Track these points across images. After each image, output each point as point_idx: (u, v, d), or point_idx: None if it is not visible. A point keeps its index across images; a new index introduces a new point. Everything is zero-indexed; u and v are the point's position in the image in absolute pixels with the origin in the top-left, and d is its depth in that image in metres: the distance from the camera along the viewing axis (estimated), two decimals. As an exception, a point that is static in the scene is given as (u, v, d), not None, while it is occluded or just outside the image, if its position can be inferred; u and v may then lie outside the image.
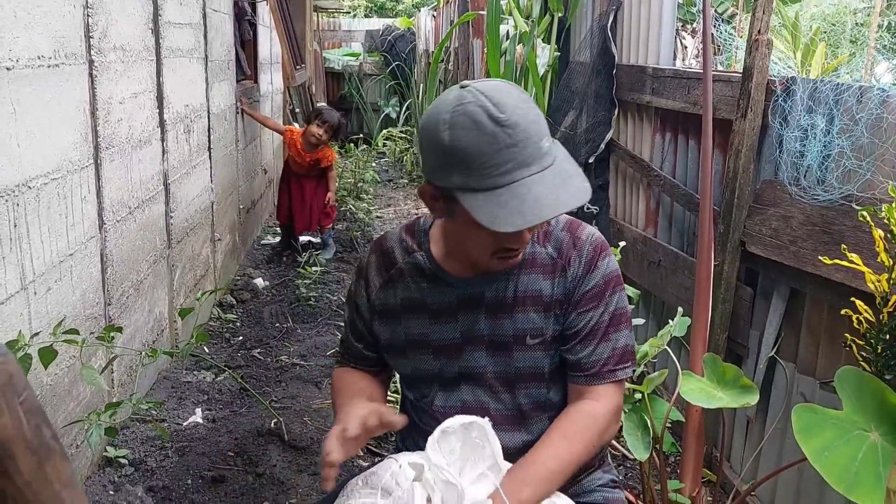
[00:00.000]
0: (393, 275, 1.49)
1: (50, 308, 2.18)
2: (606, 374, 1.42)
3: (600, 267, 1.41)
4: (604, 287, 1.41)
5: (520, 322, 1.41)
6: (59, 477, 0.64)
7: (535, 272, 1.42)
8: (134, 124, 2.88)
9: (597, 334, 1.41)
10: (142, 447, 2.67)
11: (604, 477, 1.53)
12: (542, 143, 1.22)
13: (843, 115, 2.12)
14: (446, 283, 1.44)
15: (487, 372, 1.44)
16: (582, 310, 1.41)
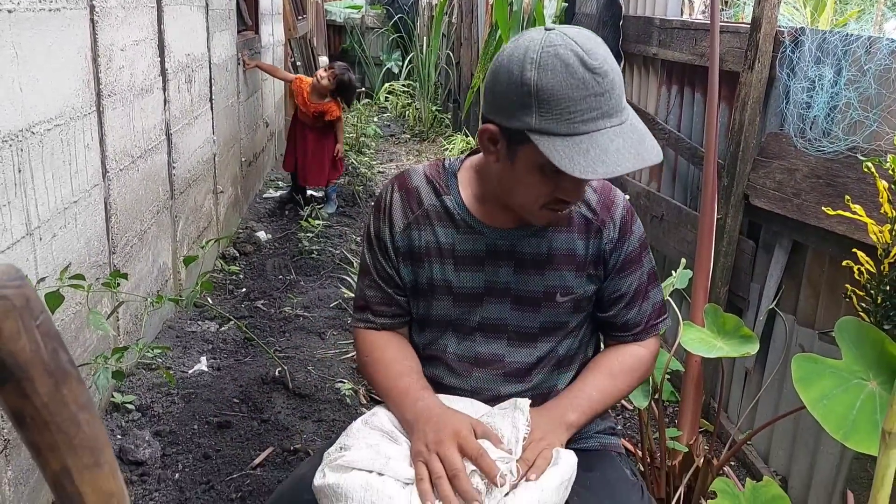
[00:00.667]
0: (419, 216, 1.43)
1: (55, 255, 2.19)
2: (651, 329, 1.50)
3: (635, 231, 1.45)
4: (639, 250, 1.46)
5: (551, 279, 1.41)
6: (76, 400, 0.66)
7: (570, 231, 1.41)
8: (135, 72, 2.86)
9: (639, 296, 1.47)
10: (148, 393, 2.71)
11: (602, 424, 1.55)
12: (622, 97, 1.22)
13: (851, 66, 2.10)
14: (476, 231, 1.41)
15: (508, 325, 1.43)
16: (624, 274, 1.44)
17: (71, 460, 0.66)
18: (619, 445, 1.56)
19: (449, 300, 1.44)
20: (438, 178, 1.46)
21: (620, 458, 1.52)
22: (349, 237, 4.82)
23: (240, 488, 2.24)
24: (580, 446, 1.48)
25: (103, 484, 0.69)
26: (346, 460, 1.25)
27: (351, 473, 1.23)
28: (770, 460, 2.46)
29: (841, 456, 2.11)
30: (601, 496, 1.37)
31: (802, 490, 2.28)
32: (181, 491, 2.23)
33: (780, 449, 2.42)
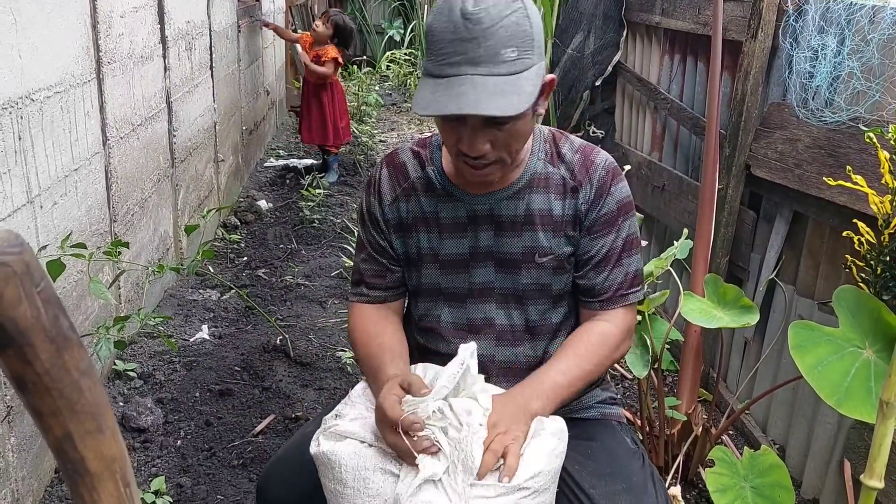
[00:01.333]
0: (406, 188, 1.48)
1: (56, 223, 2.19)
2: (619, 299, 1.45)
3: (613, 192, 1.42)
4: (616, 213, 1.42)
5: (528, 240, 1.42)
6: (77, 365, 0.66)
7: (546, 192, 1.42)
8: (135, 39, 2.84)
9: (610, 260, 1.43)
10: (150, 361, 2.72)
11: (602, 394, 1.56)
12: (504, 50, 1.20)
13: (854, 36, 2.08)
14: (456, 199, 1.44)
15: (495, 288, 1.45)
16: (595, 235, 1.42)
17: (73, 425, 0.67)
18: (619, 415, 1.56)
19: (436, 268, 1.47)
20: (424, 150, 1.50)
21: (621, 427, 1.52)
22: (350, 206, 4.82)
23: (241, 455, 2.27)
24: (581, 416, 1.50)
25: (105, 449, 0.70)
26: (339, 429, 1.27)
27: (344, 442, 1.25)
28: (768, 429, 2.48)
29: (838, 425, 2.13)
30: (602, 464, 1.38)
31: (800, 459, 2.30)
32: (183, 457, 2.25)
33: (777, 418, 2.44)
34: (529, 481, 1.19)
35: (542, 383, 1.36)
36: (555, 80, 1.36)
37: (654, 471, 1.44)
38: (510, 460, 1.20)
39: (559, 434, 1.28)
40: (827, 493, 2.16)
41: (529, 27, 1.23)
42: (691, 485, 2.27)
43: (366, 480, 1.20)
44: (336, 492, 1.24)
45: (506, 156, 1.32)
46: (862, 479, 1.35)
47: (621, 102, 3.88)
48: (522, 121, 1.28)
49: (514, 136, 1.30)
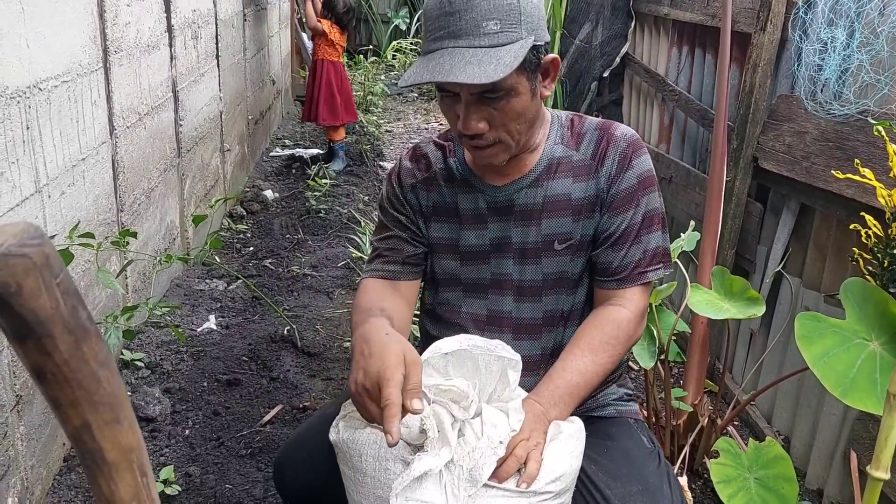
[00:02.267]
0: (427, 178, 1.47)
1: (64, 212, 2.20)
2: (636, 277, 1.40)
3: (634, 165, 1.38)
4: (637, 187, 1.38)
5: (546, 227, 1.40)
6: (96, 357, 0.67)
7: (564, 176, 1.40)
8: (142, 28, 2.84)
9: (629, 237, 1.39)
10: (157, 351, 2.74)
11: (618, 391, 1.53)
12: (485, 22, 1.20)
13: (864, 28, 2.07)
14: (477, 190, 1.43)
15: (513, 280, 1.44)
16: (615, 212, 1.38)
17: (91, 416, 0.68)
18: (635, 412, 1.54)
19: (456, 259, 1.47)
20: (447, 142, 1.50)
21: (637, 425, 1.50)
22: (357, 196, 4.82)
23: (249, 445, 2.28)
24: (596, 414, 1.48)
25: (123, 439, 0.71)
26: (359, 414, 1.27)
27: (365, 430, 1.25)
28: (773, 421, 2.49)
29: (843, 416, 2.13)
30: (618, 464, 1.37)
31: (804, 450, 2.31)
32: (191, 447, 2.27)
33: (783, 410, 2.44)
34: (551, 485, 1.20)
35: (559, 387, 1.34)
36: (558, 61, 1.34)
37: (671, 470, 1.42)
38: (531, 466, 1.20)
39: (577, 435, 1.28)
40: (831, 484, 2.17)
41: (517, 1, 1.22)
42: (697, 475, 2.28)
43: (386, 471, 1.20)
44: (355, 480, 1.24)
45: (505, 136, 1.30)
46: (868, 471, 1.35)
47: (629, 94, 3.87)
48: (517, 99, 1.26)
49: (510, 114, 1.27)
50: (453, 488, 1.16)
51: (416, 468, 1.15)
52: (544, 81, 1.33)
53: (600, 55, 3.79)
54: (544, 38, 1.29)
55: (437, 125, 7.05)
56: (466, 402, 1.20)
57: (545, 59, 1.30)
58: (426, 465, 1.15)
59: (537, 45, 1.27)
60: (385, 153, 6.05)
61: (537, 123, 1.39)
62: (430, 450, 1.18)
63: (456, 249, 1.46)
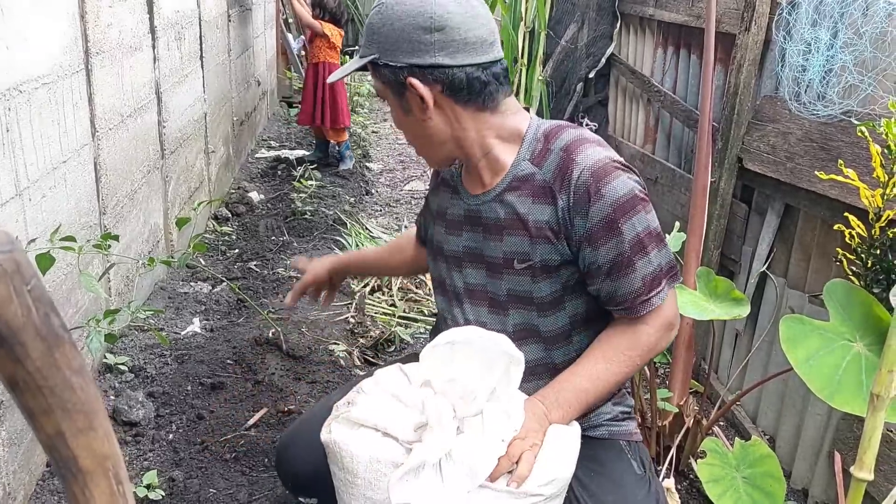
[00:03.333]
0: (437, 182, 1.59)
1: (45, 215, 2.18)
2: (641, 306, 1.35)
3: (605, 195, 1.29)
4: (614, 216, 1.30)
5: (508, 245, 1.39)
6: (69, 364, 0.66)
7: (524, 194, 1.36)
8: (124, 29, 2.82)
9: (620, 267, 1.32)
10: (141, 355, 2.71)
11: (613, 410, 1.49)
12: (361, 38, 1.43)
13: (847, 29, 2.08)
14: (460, 197, 1.48)
15: (487, 291, 1.45)
16: (597, 244, 1.32)
17: (65, 424, 0.67)
18: (629, 433, 1.50)
19: (442, 262, 1.52)
20: None
21: (629, 448, 1.47)
22: (342, 198, 4.80)
23: (234, 448, 2.26)
24: (587, 434, 1.44)
25: (97, 447, 0.70)
26: (353, 415, 1.26)
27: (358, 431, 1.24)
28: (758, 421, 2.50)
29: (828, 416, 2.14)
30: (606, 491, 1.36)
31: (790, 450, 2.31)
32: (175, 451, 2.25)
33: (768, 409, 2.45)
34: (543, 487, 1.19)
35: (566, 390, 1.32)
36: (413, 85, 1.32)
37: (662, 495, 1.41)
38: (522, 467, 1.19)
39: (574, 441, 1.27)
40: (816, 483, 2.18)
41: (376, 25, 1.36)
42: (683, 476, 2.28)
43: (378, 473, 1.20)
44: (346, 481, 1.23)
45: (408, 140, 1.46)
46: (852, 471, 1.36)
47: (615, 94, 3.88)
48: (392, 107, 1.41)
49: (396, 121, 1.44)
50: (452, 482, 1.16)
51: (412, 459, 1.15)
52: (421, 104, 1.34)
53: (586, 56, 3.80)
54: (404, 60, 1.32)
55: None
56: (471, 398, 1.20)
57: (407, 81, 1.33)
58: (423, 456, 1.15)
59: (389, 65, 1.34)
60: (371, 154, 6.03)
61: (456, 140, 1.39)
62: (427, 440, 1.17)
63: (442, 252, 1.51)
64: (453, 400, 1.20)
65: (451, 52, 1.30)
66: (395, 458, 1.20)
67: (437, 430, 1.17)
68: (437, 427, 1.17)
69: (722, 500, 1.96)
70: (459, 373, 1.23)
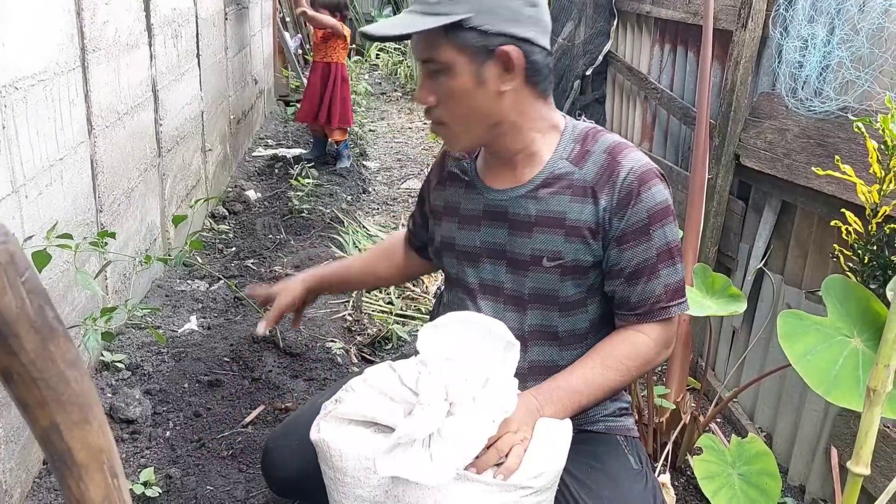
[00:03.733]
0: (443, 177, 1.54)
1: (42, 213, 2.17)
2: (658, 312, 1.37)
3: (644, 199, 1.32)
4: (648, 221, 1.33)
5: (538, 242, 1.38)
6: (64, 356, 0.66)
7: (562, 193, 1.36)
8: (120, 27, 2.81)
9: (644, 272, 1.35)
10: (138, 352, 2.71)
11: (611, 406, 1.50)
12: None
13: (844, 25, 2.08)
14: (478, 191, 1.45)
15: (504, 288, 1.42)
16: (626, 246, 1.34)
17: (60, 416, 0.67)
18: (627, 428, 1.51)
19: (454, 258, 1.50)
20: None
21: (627, 443, 1.48)
22: (339, 196, 4.80)
23: (231, 446, 2.26)
24: (585, 429, 1.46)
25: (92, 440, 0.70)
26: (341, 412, 1.26)
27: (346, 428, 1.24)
28: (755, 417, 2.50)
29: (825, 413, 2.14)
30: (602, 487, 1.35)
31: (786, 446, 2.32)
32: (172, 448, 2.24)
33: (765, 406, 2.45)
34: (532, 480, 1.19)
35: (560, 388, 1.33)
36: (513, 54, 1.29)
37: (658, 491, 1.40)
38: (511, 460, 1.19)
39: (565, 435, 1.27)
40: (813, 480, 2.18)
41: None
42: (679, 472, 2.28)
43: (367, 470, 1.19)
44: (336, 479, 1.23)
45: (447, 118, 1.33)
46: (848, 466, 1.36)
47: (612, 92, 3.88)
48: (454, 79, 1.29)
49: (448, 93, 1.30)
50: (440, 459, 1.16)
51: (400, 432, 1.15)
52: (504, 76, 1.30)
53: (583, 53, 3.80)
54: (501, 27, 1.26)
55: (420, 124, 7.04)
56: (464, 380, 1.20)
57: (500, 48, 1.27)
58: (412, 431, 1.15)
59: (480, 28, 1.25)
60: (368, 152, 6.03)
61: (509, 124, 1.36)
62: (417, 416, 1.17)
63: (453, 248, 1.49)
64: (447, 381, 1.19)
65: (540, 31, 1.31)
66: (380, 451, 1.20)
67: (428, 407, 1.17)
68: (429, 404, 1.17)
69: (717, 496, 1.96)
70: (456, 354, 1.23)
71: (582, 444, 1.38)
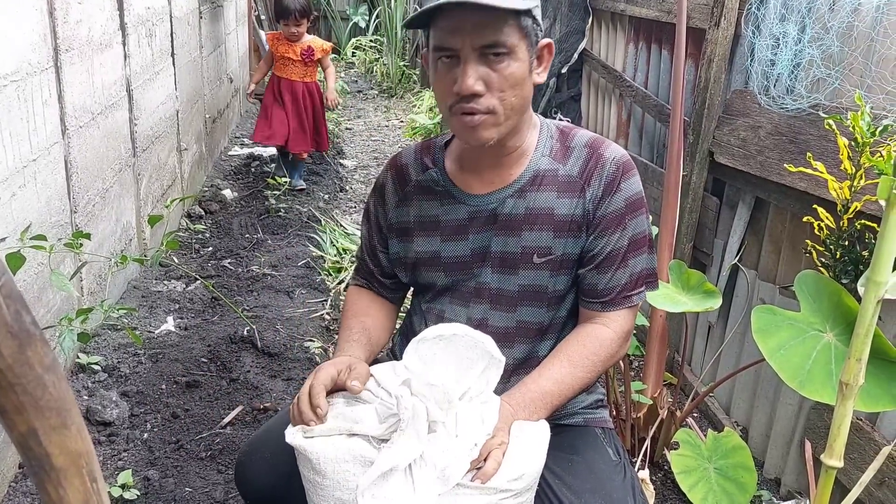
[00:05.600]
0: (408, 192, 1.48)
1: (15, 214, 2.15)
2: (621, 301, 1.41)
3: (623, 189, 1.37)
4: (624, 210, 1.37)
5: (527, 240, 1.39)
6: (41, 361, 0.65)
7: (549, 189, 1.38)
8: (94, 26, 2.78)
9: (615, 261, 1.38)
10: (114, 354, 2.69)
11: (587, 398, 1.53)
12: None
13: (814, 24, 2.11)
14: (458, 200, 1.43)
15: (492, 288, 1.43)
16: (600, 234, 1.37)
17: (38, 422, 0.66)
18: (604, 420, 1.53)
19: (440, 271, 1.47)
20: (427, 152, 1.50)
21: (605, 435, 1.49)
22: (317, 195, 4.78)
23: (210, 447, 2.25)
24: (564, 422, 1.47)
25: (71, 444, 0.69)
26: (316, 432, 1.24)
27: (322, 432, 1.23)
28: (731, 412, 2.53)
29: (799, 406, 2.18)
30: (582, 480, 1.36)
31: (762, 440, 2.35)
32: (150, 451, 2.23)
33: (741, 400, 2.48)
34: (512, 483, 1.19)
35: (532, 391, 1.34)
36: (552, 46, 1.35)
37: (636, 482, 1.42)
38: (490, 464, 1.19)
39: (542, 436, 1.27)
40: (788, 473, 2.21)
41: None
42: (657, 467, 2.31)
43: (346, 472, 1.19)
44: (315, 482, 1.23)
45: (498, 106, 1.28)
46: (822, 459, 1.38)
47: (587, 90, 3.90)
48: (517, 63, 1.26)
49: (508, 79, 1.27)
50: (423, 486, 1.15)
51: (382, 463, 1.14)
52: (538, 67, 1.33)
53: (558, 51, 3.81)
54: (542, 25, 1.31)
55: (396, 122, 7.03)
56: (447, 404, 1.20)
57: (542, 42, 1.32)
58: (393, 460, 1.14)
59: (536, 18, 1.28)
60: (345, 150, 6.01)
61: (526, 116, 1.38)
62: (397, 443, 1.17)
63: (438, 262, 1.46)
64: (429, 404, 1.19)
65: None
66: (363, 454, 1.19)
67: (409, 432, 1.16)
68: (410, 428, 1.17)
69: (693, 491, 1.98)
70: (439, 374, 1.23)
71: (561, 438, 1.40)
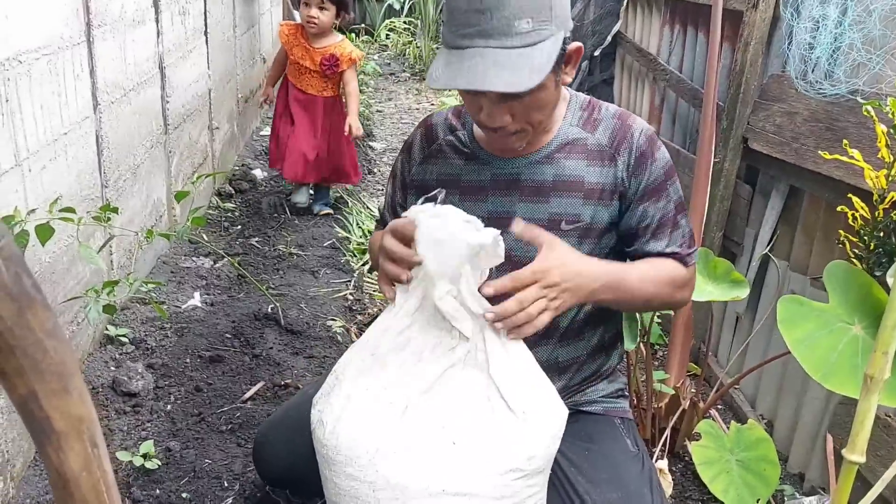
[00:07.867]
0: (433, 150, 1.51)
1: (45, 187, 2.17)
2: (685, 258, 1.46)
3: (658, 158, 1.42)
4: (664, 178, 1.43)
5: (556, 206, 1.40)
6: (42, 325, 0.65)
7: (578, 157, 1.41)
8: (127, 2, 2.80)
9: (667, 224, 1.44)
10: (141, 327, 2.72)
11: (609, 387, 1.53)
12: (516, 21, 1.18)
13: (856, 6, 2.05)
14: (482, 162, 1.45)
15: (513, 256, 1.40)
16: (649, 203, 1.41)
17: (38, 385, 0.67)
18: (623, 410, 1.53)
19: None
20: (458, 116, 1.52)
21: (623, 425, 1.49)
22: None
23: (230, 420, 2.27)
24: (584, 409, 1.47)
25: (72, 409, 0.69)
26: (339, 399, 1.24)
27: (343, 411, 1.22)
28: (757, 405, 2.49)
29: (826, 401, 2.13)
30: (599, 469, 1.35)
31: (787, 433, 2.30)
32: (173, 422, 2.26)
33: (766, 393, 2.44)
34: (525, 463, 1.18)
35: (612, 264, 1.36)
36: (582, 49, 1.35)
37: (654, 474, 1.41)
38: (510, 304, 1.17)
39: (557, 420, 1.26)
40: (813, 468, 2.17)
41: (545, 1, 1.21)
42: (678, 458, 2.28)
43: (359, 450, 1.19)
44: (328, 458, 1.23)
45: (527, 126, 1.33)
46: (843, 454, 1.34)
47: (620, 73, 3.84)
48: (543, 93, 1.28)
49: (535, 106, 1.30)
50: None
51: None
52: (566, 68, 1.35)
53: (591, 34, 3.76)
54: (570, 27, 1.29)
55: (428, 105, 7.00)
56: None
57: (570, 48, 1.32)
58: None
59: (565, 38, 1.28)
60: (375, 133, 6.00)
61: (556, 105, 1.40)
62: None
63: None
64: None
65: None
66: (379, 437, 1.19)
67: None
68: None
69: (715, 482, 1.95)
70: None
71: (579, 426, 1.38)
